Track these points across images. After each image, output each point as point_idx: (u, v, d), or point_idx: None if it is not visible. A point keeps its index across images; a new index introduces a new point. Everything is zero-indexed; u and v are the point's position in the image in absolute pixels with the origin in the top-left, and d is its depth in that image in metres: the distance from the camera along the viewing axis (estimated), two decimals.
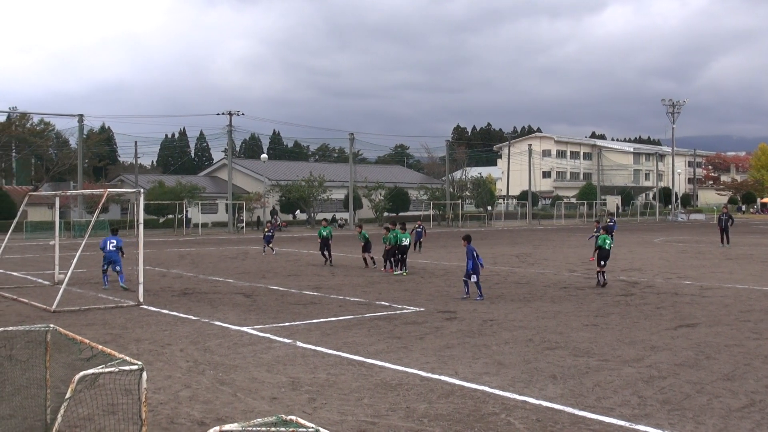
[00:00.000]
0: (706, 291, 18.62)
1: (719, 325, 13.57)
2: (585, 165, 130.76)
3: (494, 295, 17.76)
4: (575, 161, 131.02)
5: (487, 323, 13.69)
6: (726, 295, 17.75)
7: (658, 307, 15.78)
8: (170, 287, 19.55)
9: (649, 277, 21.82)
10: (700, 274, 22.69)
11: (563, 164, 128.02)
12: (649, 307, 15.89)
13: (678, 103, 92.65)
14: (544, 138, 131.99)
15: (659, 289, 18.95)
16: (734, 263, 26.47)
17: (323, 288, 19.29)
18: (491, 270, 23.99)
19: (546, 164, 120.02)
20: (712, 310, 15.46)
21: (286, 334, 12.49)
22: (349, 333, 12.67)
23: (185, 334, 12.66)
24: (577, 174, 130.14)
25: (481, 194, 78.09)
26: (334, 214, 68.91)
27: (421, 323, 13.70)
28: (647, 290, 18.81)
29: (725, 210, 38.68)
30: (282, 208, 67.18)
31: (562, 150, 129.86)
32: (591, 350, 11.21)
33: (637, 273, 23.20)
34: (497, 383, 9.19)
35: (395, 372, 9.79)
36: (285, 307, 15.79)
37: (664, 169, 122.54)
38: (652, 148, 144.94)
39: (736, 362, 10.39)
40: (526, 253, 32.37)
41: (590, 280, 21.18)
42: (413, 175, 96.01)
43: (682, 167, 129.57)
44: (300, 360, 10.53)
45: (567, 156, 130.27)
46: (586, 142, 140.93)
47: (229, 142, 63.30)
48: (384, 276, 22.30)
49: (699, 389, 8.92)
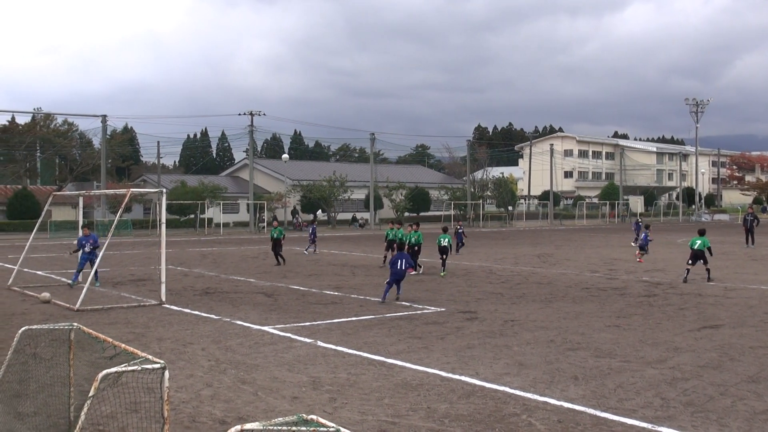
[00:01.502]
0: (730, 292, 18.42)
1: (743, 326, 13.42)
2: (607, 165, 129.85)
3: (515, 296, 17.69)
4: (597, 161, 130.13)
5: (508, 324, 13.64)
6: (750, 297, 17.55)
7: (681, 308, 15.63)
8: (192, 287, 19.67)
9: (672, 278, 21.62)
10: (724, 274, 22.45)
11: (585, 164, 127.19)
12: (672, 308, 15.75)
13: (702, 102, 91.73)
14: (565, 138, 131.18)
15: (682, 290, 18.78)
16: (759, 264, 26.16)
17: (344, 288, 19.31)
18: (512, 270, 23.92)
19: (568, 164, 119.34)
20: (736, 311, 15.29)
21: (307, 334, 12.52)
22: (370, 333, 12.67)
23: (207, 333, 12.73)
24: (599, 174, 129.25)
25: (503, 194, 77.79)
26: (354, 213, 68.97)
27: (442, 323, 13.68)
28: (670, 291, 18.65)
29: (751, 210, 38.22)
30: (303, 207, 67.35)
31: (583, 150, 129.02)
32: (613, 351, 11.14)
33: (660, 273, 23.00)
34: (518, 384, 9.15)
35: (416, 372, 9.78)
36: (306, 307, 15.83)
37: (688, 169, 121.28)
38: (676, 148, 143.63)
39: (761, 364, 10.27)
40: (547, 253, 32.22)
41: (612, 281, 21.04)
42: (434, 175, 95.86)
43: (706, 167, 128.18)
44: (321, 360, 10.54)
45: (589, 156, 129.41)
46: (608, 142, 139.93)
47: (251, 142, 63.55)
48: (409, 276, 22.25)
49: (723, 391, 8.83)
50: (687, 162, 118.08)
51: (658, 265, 25.88)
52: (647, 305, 16.14)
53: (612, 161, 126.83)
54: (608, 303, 16.47)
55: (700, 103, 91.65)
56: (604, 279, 21.52)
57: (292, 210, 64.77)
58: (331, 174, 65.43)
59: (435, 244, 23.98)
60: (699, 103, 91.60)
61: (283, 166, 70.09)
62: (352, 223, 64.97)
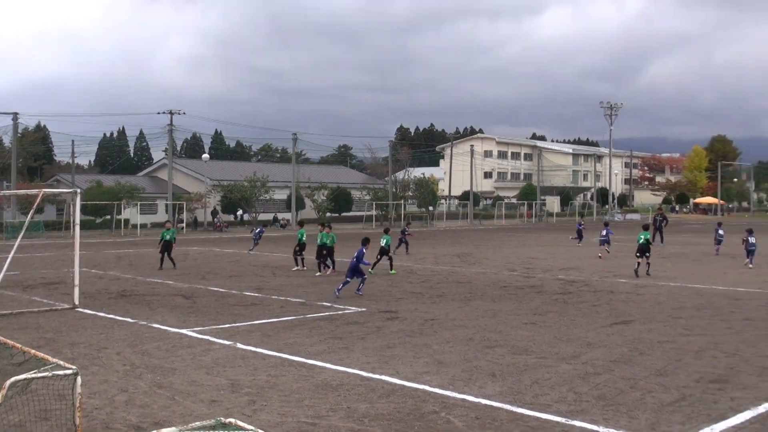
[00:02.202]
0: (641, 289, 19.10)
1: (653, 322, 13.93)
2: (525, 166, 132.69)
3: (436, 295, 17.89)
4: (516, 162, 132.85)
5: (428, 323, 13.79)
6: (659, 293, 18.23)
7: (594, 305, 16.12)
8: (107, 289, 19.16)
9: (586, 276, 22.27)
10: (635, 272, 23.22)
11: (504, 165, 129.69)
12: (585, 305, 16.22)
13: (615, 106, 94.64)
14: (485, 139, 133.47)
15: (596, 288, 19.36)
16: (668, 261, 27.20)
17: (265, 289, 19.16)
18: (432, 270, 24.18)
19: (487, 165, 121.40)
20: (646, 307, 15.86)
21: (226, 336, 12.37)
22: (291, 334, 12.61)
23: (122, 337, 12.42)
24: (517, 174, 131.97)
25: (424, 194, 78.51)
26: (275, 214, 68.45)
27: (362, 323, 13.72)
28: (584, 288, 19.20)
29: (660, 210, 39.77)
30: (223, 208, 66.43)
31: (503, 151, 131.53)
32: (529, 348, 11.39)
33: (574, 272, 23.64)
34: (437, 382, 9.27)
35: (336, 372, 9.78)
36: (225, 309, 15.63)
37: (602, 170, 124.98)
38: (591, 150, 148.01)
39: (668, 358, 10.68)
40: (467, 252, 32.70)
41: (529, 279, 21.53)
42: (356, 175, 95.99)
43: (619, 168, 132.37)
44: (240, 362, 10.44)
45: (508, 157, 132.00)
46: (526, 143, 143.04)
47: (170, 141, 62.31)
48: (326, 277, 22.26)
49: (632, 385, 9.14)
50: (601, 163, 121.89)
51: (573, 264, 26.60)
52: (562, 303, 16.57)
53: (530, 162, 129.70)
54: (525, 301, 16.84)
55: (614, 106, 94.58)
56: (522, 277, 21.99)
57: (212, 211, 63.81)
58: (253, 174, 64.79)
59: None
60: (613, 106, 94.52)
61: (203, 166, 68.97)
62: (273, 224, 64.43)
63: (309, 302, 16.60)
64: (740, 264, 26.09)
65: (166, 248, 25.01)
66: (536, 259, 29.08)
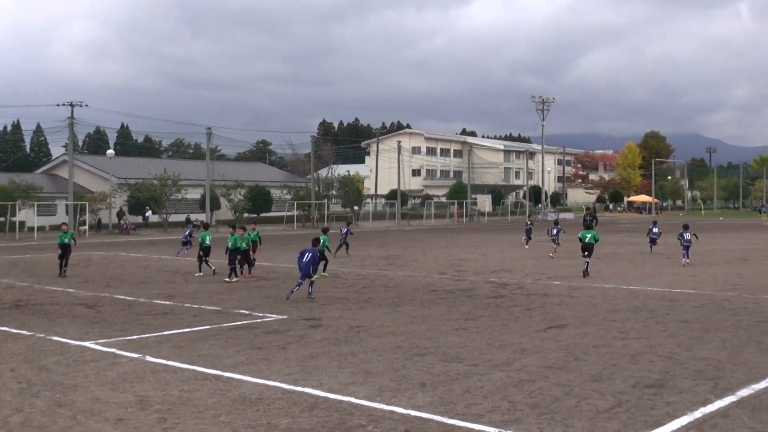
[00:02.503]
0: (575, 291, 19.53)
1: (587, 325, 14.26)
2: (455, 163, 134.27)
3: (362, 300, 17.89)
4: (445, 159, 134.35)
5: (353, 330, 13.77)
6: (594, 295, 18.69)
7: (527, 309, 16.40)
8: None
9: (519, 278, 22.64)
10: (569, 273, 23.77)
11: (433, 162, 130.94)
12: (519, 309, 16.48)
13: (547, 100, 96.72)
14: (413, 134, 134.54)
15: (529, 291, 19.71)
16: (601, 262, 27.89)
17: (176, 296, 18.82)
18: (358, 274, 24.18)
19: (416, 162, 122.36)
20: (580, 310, 16.23)
21: (134, 348, 12.09)
22: (205, 345, 12.41)
23: (17, 351, 12.00)
24: (447, 172, 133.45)
25: (348, 193, 78.52)
26: (188, 215, 67.37)
27: (283, 332, 13.62)
28: (517, 292, 19.52)
29: (589, 210, 40.85)
30: (131, 209, 64.99)
31: (432, 147, 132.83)
32: (461, 355, 11.50)
33: (507, 274, 24.02)
34: (364, 393, 9.25)
35: (255, 385, 9.67)
36: (133, 319, 15.28)
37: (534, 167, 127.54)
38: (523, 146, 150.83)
39: (604, 363, 10.94)
40: (395, 255, 32.84)
41: (460, 282, 21.75)
42: (276, 173, 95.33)
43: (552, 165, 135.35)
44: (149, 376, 10.21)
45: (437, 153, 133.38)
46: (456, 139, 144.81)
47: (71, 136, 60.59)
48: (244, 282, 22.02)
49: (568, 391, 9.32)
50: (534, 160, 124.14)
51: (506, 265, 27.03)
52: (495, 307, 16.80)
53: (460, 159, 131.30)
54: (456, 305, 17.01)
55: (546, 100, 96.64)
56: (452, 281, 22.21)
57: (118, 212, 62.36)
58: (163, 172, 63.60)
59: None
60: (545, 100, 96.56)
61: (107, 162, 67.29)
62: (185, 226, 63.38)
63: (225, 310, 16.38)
64: (675, 263, 26.99)
65: (66, 252, 24.31)
66: (467, 261, 29.43)
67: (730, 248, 36.29)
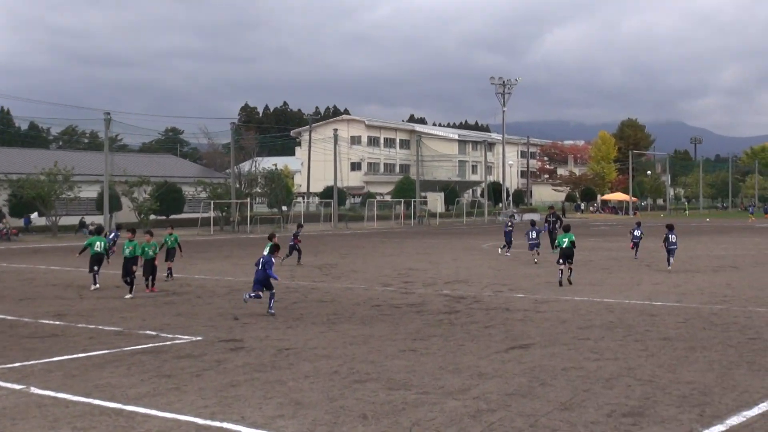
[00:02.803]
0: (541, 305, 19.76)
1: (555, 344, 14.43)
2: (402, 155, 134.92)
3: (291, 318, 17.84)
4: (390, 150, 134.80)
5: (282, 353, 13.72)
6: (563, 309, 18.93)
7: (486, 326, 16.53)
8: None
9: (476, 291, 22.82)
10: (534, 284, 24.04)
11: (376, 154, 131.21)
12: (476, 326, 16.61)
13: (509, 82, 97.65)
14: (352, 121, 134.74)
15: (488, 305, 19.87)
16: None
17: (68, 315, 18.54)
18: (287, 286, 24.11)
19: (355, 154, 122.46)
20: (547, 327, 16.42)
21: (16, 378, 11.86)
22: (103, 373, 12.25)
23: None
24: (392, 166, 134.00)
25: (276, 191, 78.28)
26: (82, 217, 66.36)
27: (197, 356, 13.50)
28: (474, 306, 19.67)
29: (552, 210, 41.36)
30: (11, 210, 63.77)
31: (374, 136, 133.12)
32: (409, 381, 11.53)
33: (463, 285, 24.19)
34: (294, 428, 9.22)
35: (164, 421, 9.57)
36: (15, 342, 15.01)
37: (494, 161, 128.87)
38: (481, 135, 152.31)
39: (575, 388, 11.08)
40: (330, 263, 32.82)
41: (408, 295, 21.83)
42: (189, 167, 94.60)
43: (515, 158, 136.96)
44: (35, 411, 10.03)
45: (380, 144, 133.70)
46: (403, 127, 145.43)
47: None
48: (149, 298, 21.77)
49: (533, 422, 9.42)
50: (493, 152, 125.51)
51: (461, 275, 27.22)
52: (448, 324, 16.90)
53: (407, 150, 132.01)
54: (403, 323, 17.05)
55: (507, 83, 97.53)
56: (399, 293, 22.27)
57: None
58: (52, 165, 62.58)
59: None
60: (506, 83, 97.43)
61: None
62: (79, 230, 62.43)
63: (127, 330, 16.17)
64: (655, 271, 27.49)
65: None
66: (416, 270, 29.56)
67: (718, 254, 37.15)
